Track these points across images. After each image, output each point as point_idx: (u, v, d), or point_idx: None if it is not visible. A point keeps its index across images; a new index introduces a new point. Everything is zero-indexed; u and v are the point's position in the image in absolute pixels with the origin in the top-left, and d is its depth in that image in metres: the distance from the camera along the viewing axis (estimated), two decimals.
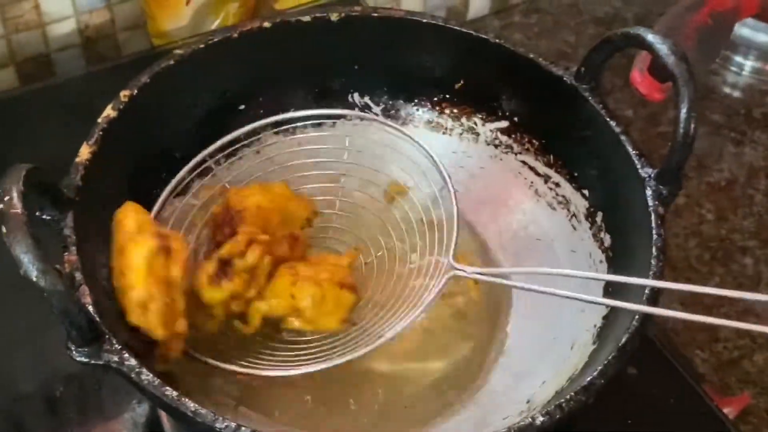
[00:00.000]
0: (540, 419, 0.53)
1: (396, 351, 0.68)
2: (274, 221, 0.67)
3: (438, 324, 0.70)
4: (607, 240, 0.68)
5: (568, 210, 0.72)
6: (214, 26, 1.01)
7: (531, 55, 0.71)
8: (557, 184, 0.73)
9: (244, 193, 0.68)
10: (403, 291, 0.66)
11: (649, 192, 0.63)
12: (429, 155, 0.71)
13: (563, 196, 0.73)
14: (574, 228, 0.72)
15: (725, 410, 0.78)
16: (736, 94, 1.18)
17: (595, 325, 0.65)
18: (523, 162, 0.75)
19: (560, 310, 0.68)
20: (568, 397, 0.54)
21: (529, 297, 0.69)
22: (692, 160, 0.77)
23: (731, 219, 1.06)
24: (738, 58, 1.20)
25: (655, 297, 0.59)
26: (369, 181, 0.74)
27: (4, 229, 0.50)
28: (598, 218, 0.70)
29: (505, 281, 0.66)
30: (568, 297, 0.60)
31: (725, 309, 0.99)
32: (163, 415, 0.71)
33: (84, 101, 0.75)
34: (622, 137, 0.66)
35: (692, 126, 0.61)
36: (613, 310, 0.64)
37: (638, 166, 0.65)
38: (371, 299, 0.67)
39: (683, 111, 0.61)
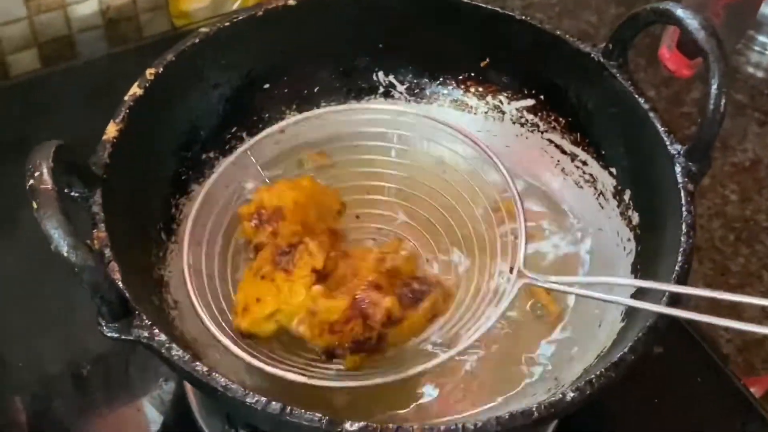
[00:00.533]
0: (570, 395, 0.53)
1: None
2: (311, 216, 0.66)
3: None
4: (636, 218, 0.68)
5: (595, 188, 0.72)
6: (234, 7, 1.01)
7: (558, 32, 0.71)
8: (584, 162, 0.73)
9: (276, 191, 0.66)
10: (466, 299, 0.65)
11: (678, 169, 0.63)
12: (490, 158, 0.70)
13: (590, 175, 0.73)
14: (602, 206, 0.71)
15: (750, 390, 0.78)
16: (760, 74, 1.17)
17: None
18: (550, 140, 0.75)
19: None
20: (598, 373, 0.54)
21: None
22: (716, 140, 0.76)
23: (756, 199, 1.06)
24: (762, 38, 1.19)
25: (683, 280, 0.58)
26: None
27: (34, 205, 0.50)
28: (626, 196, 0.69)
29: (576, 291, 0.63)
30: (633, 305, 0.59)
31: (749, 290, 0.98)
32: (190, 393, 0.71)
33: (106, 82, 0.76)
34: (651, 114, 0.66)
35: (723, 102, 0.61)
36: (641, 288, 0.64)
37: (667, 143, 0.64)
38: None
39: (714, 87, 0.60)
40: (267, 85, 0.75)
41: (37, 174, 0.51)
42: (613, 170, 0.71)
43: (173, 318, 0.63)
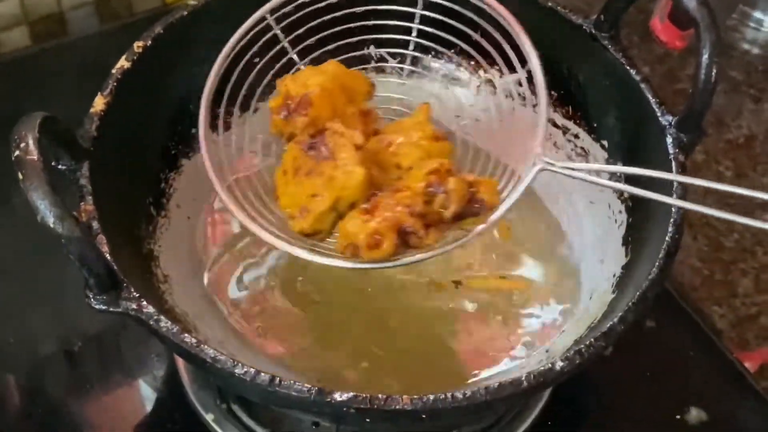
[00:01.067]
0: (560, 364, 0.53)
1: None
2: (340, 100, 0.62)
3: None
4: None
5: (587, 161, 0.72)
6: None
7: (549, 4, 0.70)
8: (576, 136, 0.73)
9: (301, 78, 0.63)
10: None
11: (669, 140, 0.63)
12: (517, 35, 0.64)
13: (582, 148, 0.72)
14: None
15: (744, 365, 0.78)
16: (755, 50, 1.16)
17: (614, 274, 0.64)
18: None
19: (580, 260, 0.67)
20: (587, 342, 0.54)
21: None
22: (710, 116, 0.76)
23: (750, 176, 1.05)
24: (757, 14, 1.18)
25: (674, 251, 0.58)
26: None
27: (20, 176, 0.50)
28: None
29: (596, 179, 0.59)
30: (647, 196, 0.56)
31: (743, 265, 0.98)
32: (182, 369, 0.71)
33: (97, 59, 0.75)
34: (642, 85, 0.65)
35: (714, 72, 0.60)
36: (631, 260, 0.64)
37: (658, 114, 0.64)
38: None
39: (705, 56, 0.60)
40: (257, 59, 0.74)
41: (23, 145, 0.51)
42: (605, 143, 0.70)
43: (163, 292, 0.63)
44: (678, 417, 0.71)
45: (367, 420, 0.52)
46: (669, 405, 0.72)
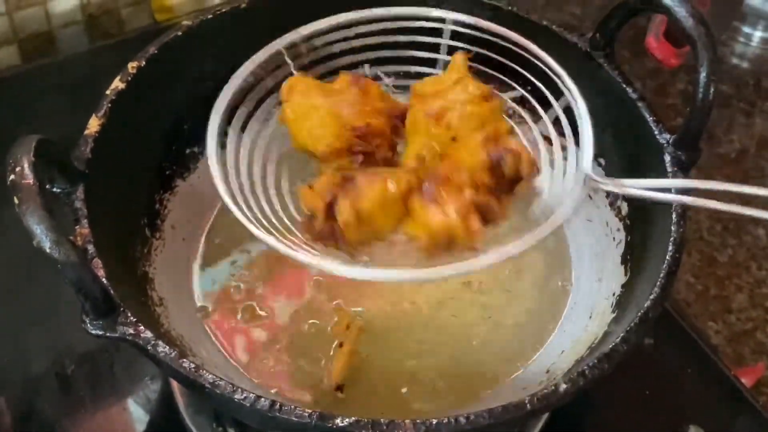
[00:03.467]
0: (563, 386, 0.52)
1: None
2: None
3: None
4: (625, 208, 0.67)
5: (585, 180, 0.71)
6: (217, 1, 1.00)
7: (545, 22, 0.70)
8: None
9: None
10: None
11: (667, 158, 0.62)
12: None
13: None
14: (590, 197, 0.71)
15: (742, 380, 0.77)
16: (745, 64, 1.17)
17: (613, 294, 0.64)
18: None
19: (578, 279, 0.67)
20: (590, 364, 0.53)
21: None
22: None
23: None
24: (746, 29, 1.19)
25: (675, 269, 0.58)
26: None
27: (16, 200, 0.49)
28: None
29: (653, 194, 0.56)
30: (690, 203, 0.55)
31: (737, 280, 0.98)
32: (177, 391, 0.70)
33: (87, 78, 0.75)
34: (639, 104, 0.65)
35: (711, 90, 0.60)
36: (631, 279, 0.64)
37: (656, 133, 0.64)
38: None
39: (702, 75, 0.60)
40: (252, 79, 0.74)
41: (18, 169, 0.50)
42: (602, 161, 0.70)
43: (159, 315, 0.62)
44: None
45: None
46: (668, 423, 0.71)
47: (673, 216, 0.60)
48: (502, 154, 0.54)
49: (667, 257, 0.58)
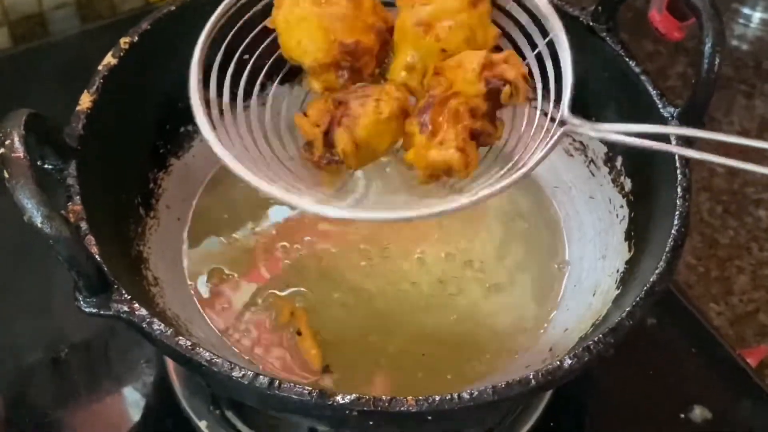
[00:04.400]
0: (568, 362, 0.51)
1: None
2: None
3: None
4: (628, 184, 0.66)
5: (586, 156, 0.70)
6: None
7: None
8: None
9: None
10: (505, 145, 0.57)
11: None
12: None
13: (580, 142, 0.71)
14: (593, 174, 0.70)
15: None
16: (745, 46, 1.16)
17: (617, 270, 0.63)
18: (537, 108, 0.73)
19: (581, 257, 0.66)
20: (596, 339, 0.52)
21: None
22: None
23: (743, 172, 1.04)
24: (746, 10, 1.18)
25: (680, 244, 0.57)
26: None
27: (6, 174, 0.48)
28: (618, 163, 0.68)
29: (627, 139, 0.54)
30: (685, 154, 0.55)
31: (738, 262, 0.97)
32: (173, 374, 0.69)
33: (79, 60, 0.73)
34: (643, 77, 0.64)
35: (717, 62, 0.59)
36: (635, 255, 0.62)
37: (660, 106, 0.63)
38: None
39: (708, 46, 0.58)
40: (246, 56, 0.73)
41: (8, 142, 0.49)
42: None
43: (154, 295, 0.61)
44: (682, 416, 0.69)
45: (371, 423, 0.50)
46: (672, 404, 0.70)
47: (678, 190, 0.59)
48: (499, 85, 0.53)
49: (673, 231, 0.57)
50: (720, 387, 0.72)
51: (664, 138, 0.58)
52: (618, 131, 0.54)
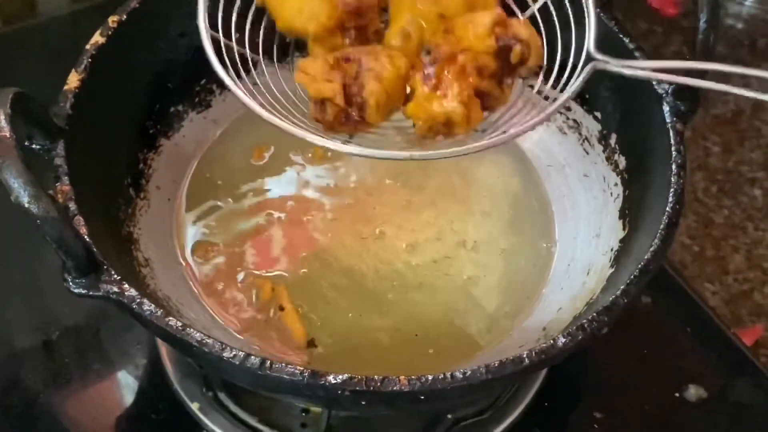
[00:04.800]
0: (561, 340, 0.51)
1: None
2: None
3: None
4: (622, 162, 0.66)
5: (580, 134, 0.70)
6: None
7: None
8: (568, 108, 0.70)
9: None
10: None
11: (666, 108, 0.60)
12: None
13: (574, 120, 0.70)
14: (587, 152, 0.69)
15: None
16: (739, 25, 1.15)
17: (612, 249, 0.62)
18: (531, 87, 0.72)
19: (575, 236, 0.65)
20: (590, 317, 0.52)
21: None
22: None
23: (738, 151, 1.04)
24: None
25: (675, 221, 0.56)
26: None
27: None
28: (612, 140, 0.67)
29: (652, 75, 0.53)
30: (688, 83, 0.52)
31: (733, 241, 0.97)
32: (165, 357, 0.68)
33: (67, 41, 0.72)
34: (637, 54, 0.63)
35: (712, 37, 0.58)
36: (629, 233, 0.62)
37: (654, 83, 0.62)
38: None
39: (702, 22, 0.58)
40: (238, 35, 0.72)
41: None
42: (598, 114, 0.68)
43: (144, 276, 0.60)
44: (677, 395, 0.69)
45: (363, 403, 0.50)
46: (667, 383, 0.70)
47: (673, 167, 0.58)
48: (511, 43, 0.52)
49: (668, 208, 0.56)
50: (715, 366, 0.72)
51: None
52: (646, 67, 0.53)
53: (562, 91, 0.55)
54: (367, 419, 0.67)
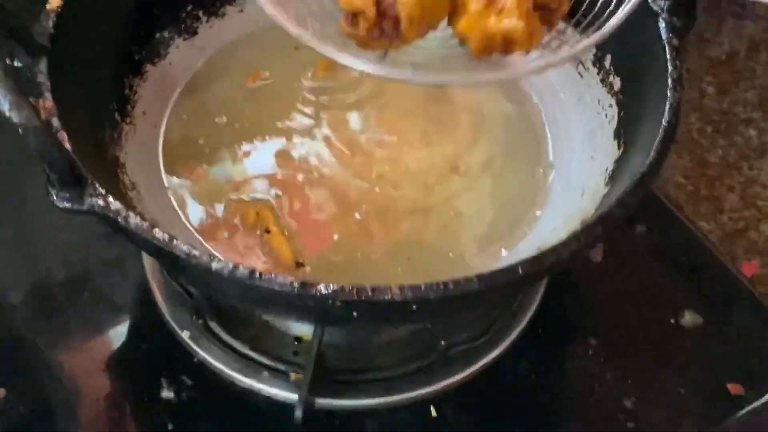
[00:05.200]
0: (556, 250, 0.50)
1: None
2: None
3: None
4: (617, 83, 0.65)
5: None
6: None
7: None
8: (561, 32, 0.69)
9: None
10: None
11: (662, 24, 0.59)
12: None
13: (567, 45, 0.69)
14: (581, 75, 0.68)
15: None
16: None
17: (606, 169, 0.62)
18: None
19: (569, 158, 0.65)
20: (584, 227, 0.51)
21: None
22: (690, 34, 0.73)
23: (733, 92, 1.03)
24: None
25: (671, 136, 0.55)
26: None
27: None
28: (606, 62, 0.66)
29: None
30: None
31: (728, 181, 0.96)
32: (155, 288, 0.68)
33: None
34: None
35: None
36: (624, 153, 0.61)
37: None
38: None
39: None
40: None
41: None
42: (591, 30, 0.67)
43: (131, 199, 0.59)
44: (672, 321, 0.68)
45: (354, 314, 0.49)
46: (663, 309, 0.69)
47: (669, 82, 0.57)
48: None
49: (663, 122, 0.55)
50: (710, 293, 0.71)
51: None
52: None
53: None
54: (359, 348, 0.66)
